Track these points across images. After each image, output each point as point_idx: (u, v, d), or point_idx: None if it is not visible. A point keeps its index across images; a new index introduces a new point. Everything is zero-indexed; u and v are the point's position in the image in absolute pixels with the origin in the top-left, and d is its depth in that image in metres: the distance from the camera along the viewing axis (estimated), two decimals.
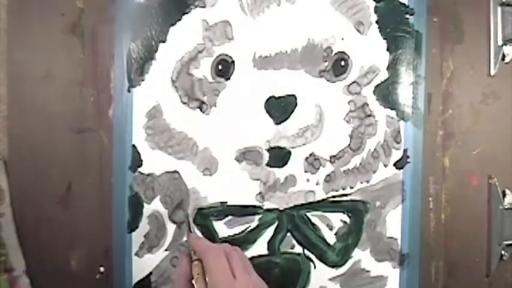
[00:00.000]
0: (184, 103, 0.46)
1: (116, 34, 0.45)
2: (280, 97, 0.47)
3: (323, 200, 0.49)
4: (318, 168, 0.49)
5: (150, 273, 0.47)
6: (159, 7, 0.45)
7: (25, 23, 0.45)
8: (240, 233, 0.48)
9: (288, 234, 0.49)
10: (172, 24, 0.45)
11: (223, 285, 0.37)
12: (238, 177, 0.47)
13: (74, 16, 0.45)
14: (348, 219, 0.50)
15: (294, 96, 0.47)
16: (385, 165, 0.50)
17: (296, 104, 0.48)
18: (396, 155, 0.50)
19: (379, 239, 0.49)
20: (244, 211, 0.48)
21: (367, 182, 0.50)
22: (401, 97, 0.50)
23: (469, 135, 0.52)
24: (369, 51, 0.49)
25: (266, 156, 0.48)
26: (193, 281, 0.40)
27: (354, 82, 0.49)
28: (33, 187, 0.45)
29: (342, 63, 0.48)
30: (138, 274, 0.46)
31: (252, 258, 0.48)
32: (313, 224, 0.49)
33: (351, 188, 0.50)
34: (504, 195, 0.53)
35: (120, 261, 0.46)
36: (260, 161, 0.48)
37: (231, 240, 0.48)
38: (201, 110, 0.46)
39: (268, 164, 0.48)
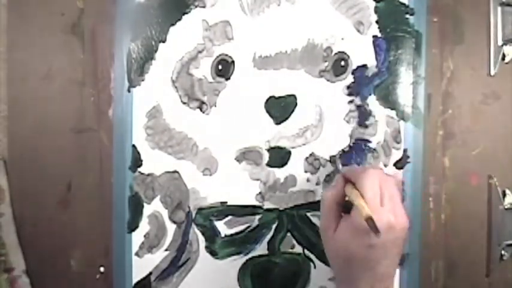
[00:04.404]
0: (184, 103, 0.46)
1: (116, 34, 0.45)
2: (280, 97, 0.47)
3: None
4: (318, 168, 0.49)
5: (150, 273, 0.47)
6: (159, 7, 0.45)
7: (25, 23, 0.45)
8: (240, 232, 0.48)
9: (288, 234, 0.49)
10: (172, 24, 0.45)
11: (371, 208, 0.37)
12: (238, 177, 0.47)
13: (74, 16, 0.45)
14: None
15: (294, 96, 0.47)
16: (385, 165, 0.50)
17: (296, 104, 0.48)
18: (396, 155, 0.50)
19: None
20: (244, 211, 0.48)
21: None
22: (401, 97, 0.50)
23: (469, 135, 0.52)
24: (369, 51, 0.49)
25: (266, 156, 0.48)
26: (347, 198, 0.40)
27: (353, 82, 0.49)
28: (33, 187, 0.45)
29: (342, 63, 0.48)
30: (138, 274, 0.46)
31: (252, 258, 0.48)
32: (313, 224, 0.49)
33: None
34: (504, 195, 0.53)
35: (120, 261, 0.46)
36: (260, 161, 0.48)
37: (231, 240, 0.48)
38: (201, 110, 0.46)
39: (268, 164, 0.48)
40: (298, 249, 0.49)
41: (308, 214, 0.49)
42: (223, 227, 0.48)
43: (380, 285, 0.38)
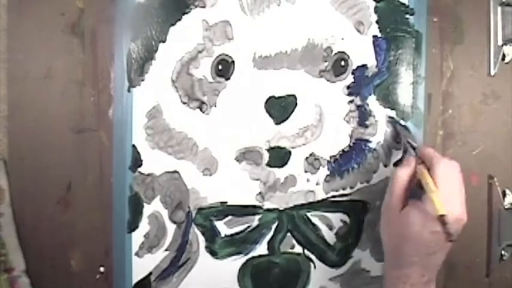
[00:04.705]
0: (184, 103, 0.46)
1: (116, 34, 0.45)
2: (280, 97, 0.47)
3: (323, 200, 0.49)
4: (318, 168, 0.49)
5: (150, 273, 0.47)
6: (159, 7, 0.45)
7: (25, 23, 0.45)
8: (240, 232, 0.48)
9: (288, 234, 0.49)
10: (172, 24, 0.45)
11: (443, 199, 0.39)
12: (238, 177, 0.47)
13: (74, 16, 0.45)
14: (348, 219, 0.50)
15: (294, 96, 0.47)
16: (385, 165, 0.50)
17: (296, 104, 0.48)
18: (396, 155, 0.50)
19: (379, 239, 0.49)
20: (244, 211, 0.48)
21: (367, 182, 0.50)
22: (401, 97, 0.50)
23: (469, 135, 0.52)
24: (369, 51, 0.49)
25: (266, 156, 0.48)
26: (422, 181, 0.41)
27: (353, 82, 0.49)
28: (33, 187, 0.45)
29: (342, 63, 0.48)
30: (138, 274, 0.46)
31: (252, 258, 0.48)
32: (313, 224, 0.49)
33: (351, 188, 0.50)
34: (504, 195, 0.53)
35: (120, 261, 0.46)
36: (260, 161, 0.48)
37: (231, 240, 0.48)
38: (201, 110, 0.46)
39: (268, 164, 0.48)
40: (298, 249, 0.49)
41: (308, 214, 0.49)
42: (223, 227, 0.48)
43: (429, 275, 0.40)
